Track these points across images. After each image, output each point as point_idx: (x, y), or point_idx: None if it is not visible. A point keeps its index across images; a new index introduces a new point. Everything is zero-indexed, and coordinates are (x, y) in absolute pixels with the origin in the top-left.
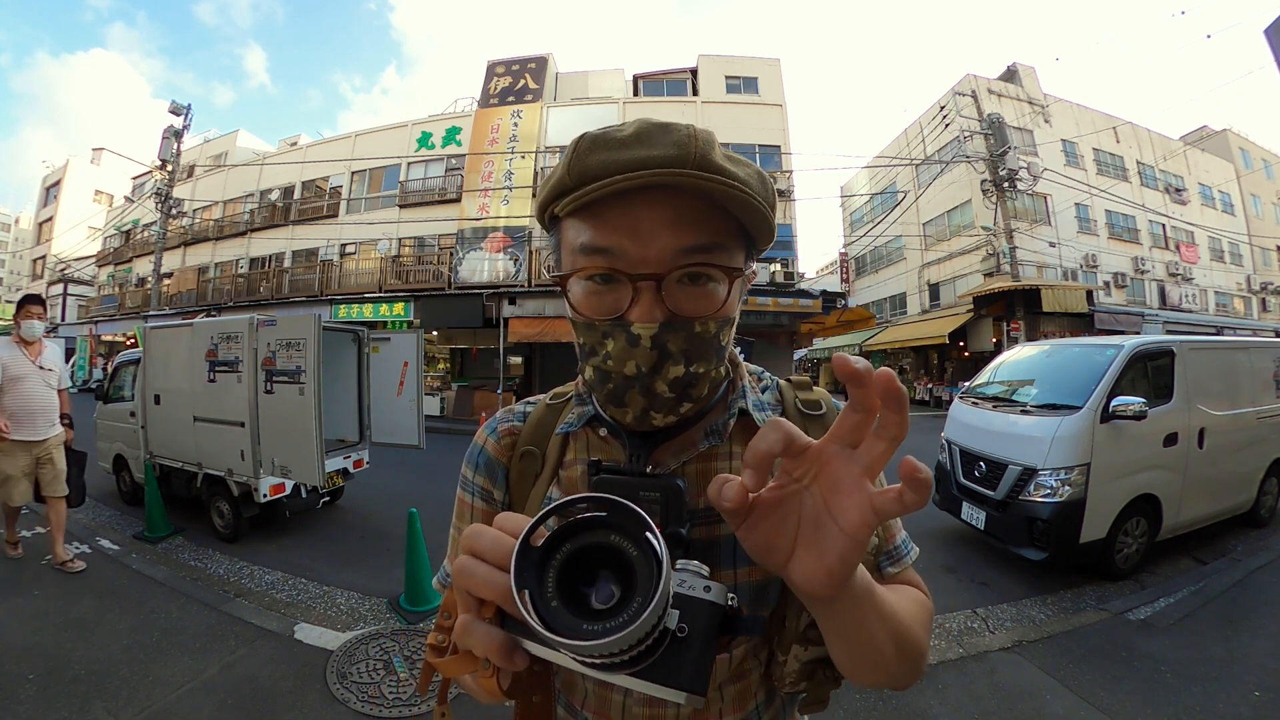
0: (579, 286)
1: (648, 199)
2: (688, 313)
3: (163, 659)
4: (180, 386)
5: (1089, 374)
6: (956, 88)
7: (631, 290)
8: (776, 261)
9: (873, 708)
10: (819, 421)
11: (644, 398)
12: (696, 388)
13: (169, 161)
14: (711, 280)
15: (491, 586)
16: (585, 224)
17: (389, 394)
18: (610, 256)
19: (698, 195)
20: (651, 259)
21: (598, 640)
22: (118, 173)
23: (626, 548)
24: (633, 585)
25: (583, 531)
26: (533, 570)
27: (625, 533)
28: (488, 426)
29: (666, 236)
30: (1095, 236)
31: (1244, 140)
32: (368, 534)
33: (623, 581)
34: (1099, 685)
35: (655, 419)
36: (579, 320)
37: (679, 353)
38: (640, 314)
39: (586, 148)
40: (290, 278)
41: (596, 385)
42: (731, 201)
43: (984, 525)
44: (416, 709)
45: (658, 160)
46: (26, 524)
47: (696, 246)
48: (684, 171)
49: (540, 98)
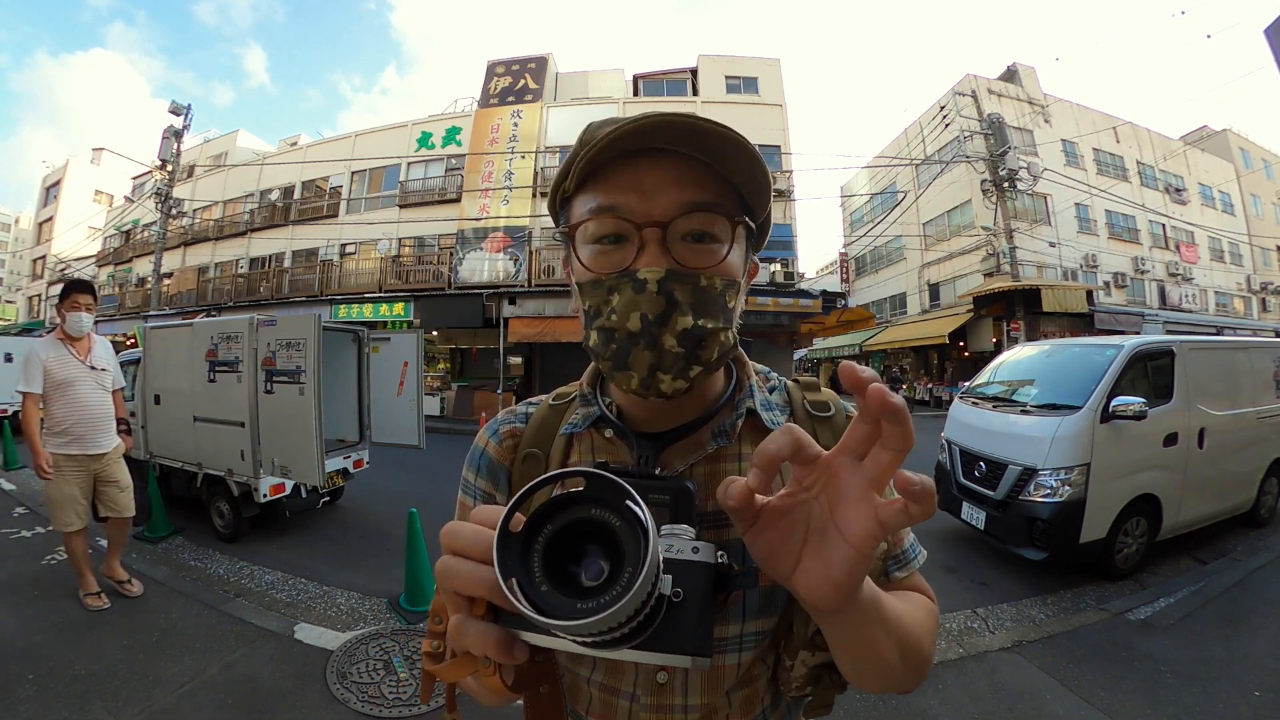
0: (587, 249)
1: (651, 161)
2: (693, 265)
3: (163, 659)
4: (180, 386)
5: (1089, 374)
6: (956, 88)
7: (638, 242)
8: (776, 261)
9: (873, 708)
10: (828, 424)
11: (650, 352)
12: (706, 347)
13: (169, 161)
14: (715, 240)
15: (477, 581)
16: (592, 191)
17: (389, 394)
18: (616, 212)
19: (696, 160)
20: (656, 212)
21: (593, 617)
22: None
23: (609, 519)
24: (621, 557)
25: (562, 510)
26: (516, 557)
27: (605, 505)
28: (489, 428)
29: (671, 191)
30: (1095, 236)
31: (1244, 140)
32: (368, 534)
33: (610, 555)
34: (1099, 685)
35: (663, 381)
36: (585, 280)
37: (686, 304)
38: (647, 260)
39: (595, 125)
40: (290, 278)
41: (600, 349)
42: (730, 154)
43: (984, 525)
44: (417, 709)
45: (664, 115)
46: (26, 524)
47: (698, 202)
48: (688, 116)
49: (540, 98)
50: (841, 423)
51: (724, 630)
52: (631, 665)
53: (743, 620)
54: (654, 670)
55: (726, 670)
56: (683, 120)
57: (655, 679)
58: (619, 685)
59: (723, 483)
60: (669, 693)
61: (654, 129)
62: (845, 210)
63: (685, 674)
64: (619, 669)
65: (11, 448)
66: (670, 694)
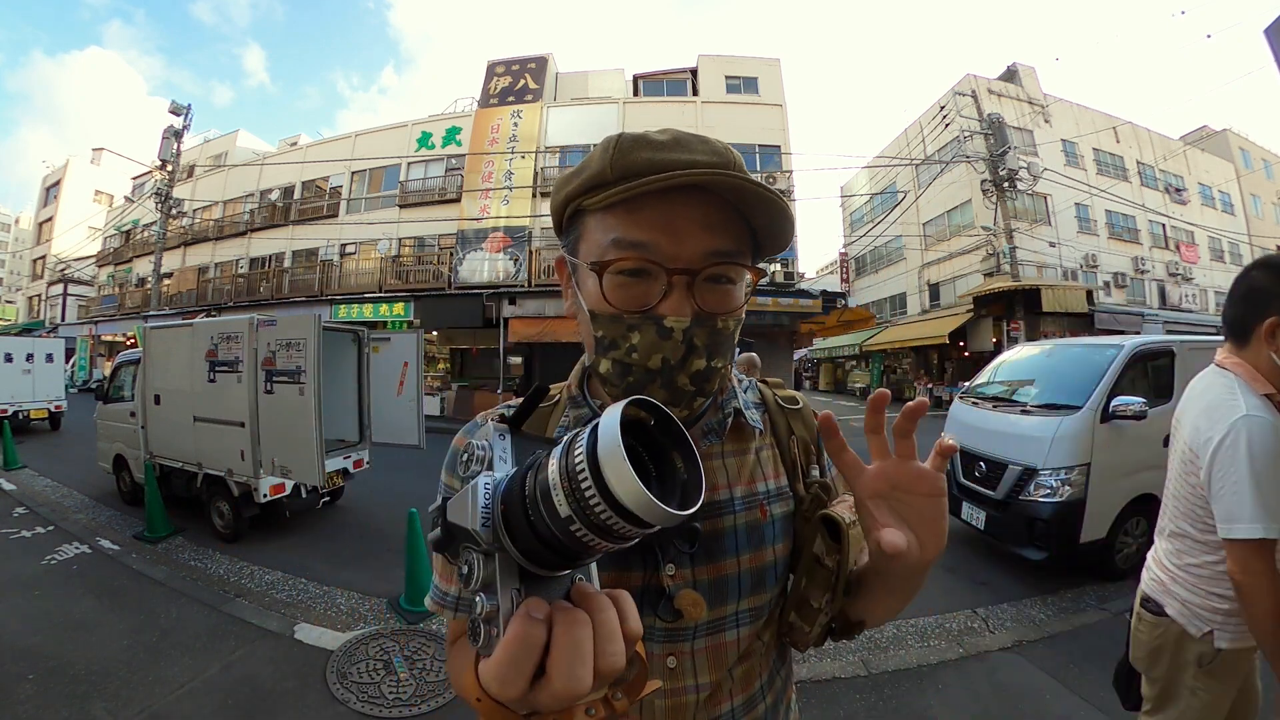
0: (609, 279)
1: (683, 199)
2: (712, 309)
3: (163, 659)
4: (180, 386)
5: (1089, 374)
6: (956, 88)
7: (664, 284)
8: (776, 261)
9: (873, 707)
10: (798, 415)
11: (665, 390)
12: (711, 382)
13: (169, 161)
14: (732, 281)
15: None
16: (619, 219)
17: (389, 394)
18: (645, 250)
19: (725, 201)
20: (685, 256)
21: (693, 507)
22: (118, 173)
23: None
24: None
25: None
26: None
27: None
28: (467, 431)
29: (700, 236)
30: (1095, 236)
31: (1244, 140)
32: (368, 534)
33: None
34: (1100, 685)
35: (672, 414)
36: (604, 312)
37: (703, 347)
38: (673, 307)
39: (629, 145)
40: (290, 278)
41: (613, 378)
42: (761, 205)
43: (984, 525)
44: (417, 709)
45: (702, 163)
46: (26, 524)
47: (723, 250)
48: (731, 172)
49: (540, 98)
50: (809, 414)
51: (722, 610)
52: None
53: (739, 599)
54: (664, 656)
55: (728, 646)
56: (732, 180)
57: (666, 664)
58: None
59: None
60: (680, 675)
61: (701, 182)
62: (845, 210)
63: (693, 656)
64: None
65: (11, 448)
66: (681, 676)
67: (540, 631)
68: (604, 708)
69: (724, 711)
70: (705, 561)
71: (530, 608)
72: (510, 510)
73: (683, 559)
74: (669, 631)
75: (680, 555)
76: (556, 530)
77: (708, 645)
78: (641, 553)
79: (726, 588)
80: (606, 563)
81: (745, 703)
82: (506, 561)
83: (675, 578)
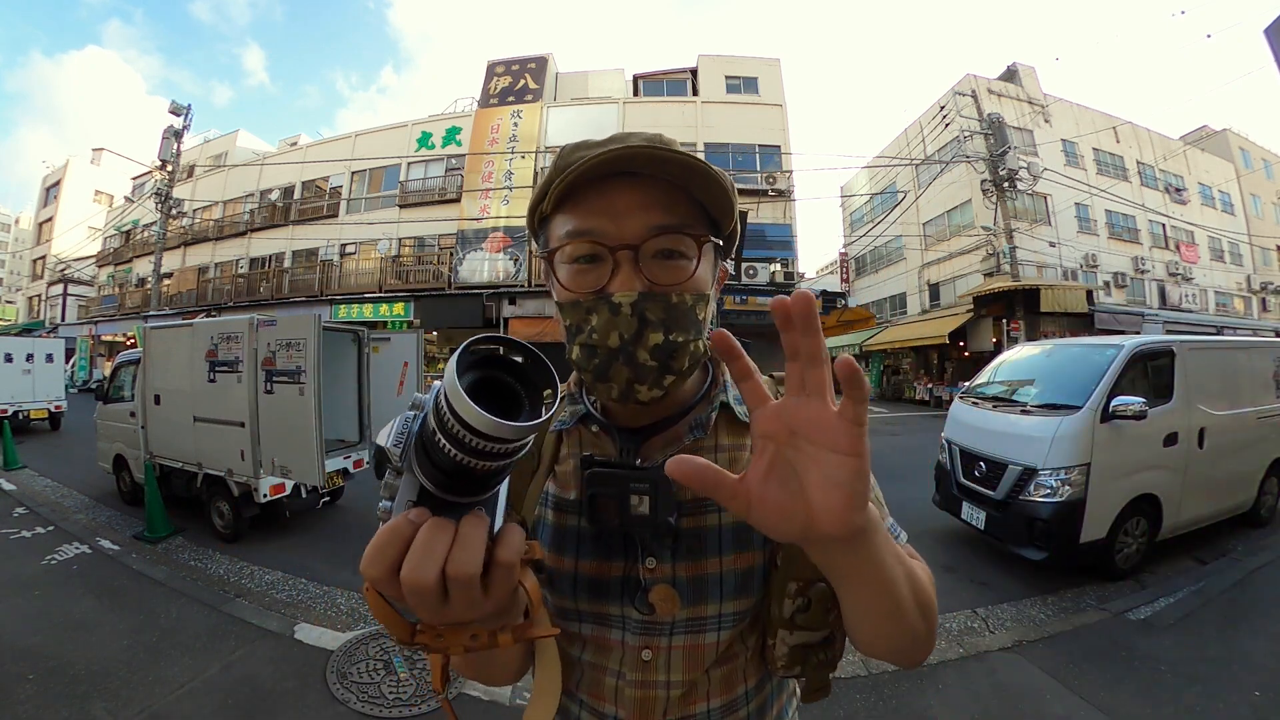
0: (565, 269)
1: (622, 185)
2: (664, 283)
3: (163, 659)
4: (180, 386)
5: (1089, 374)
6: (956, 88)
7: (612, 263)
8: (776, 261)
9: (873, 708)
10: None
11: (627, 368)
12: (677, 358)
13: (169, 161)
14: (683, 257)
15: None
16: (568, 214)
17: (389, 394)
18: (591, 235)
19: (667, 184)
20: (626, 234)
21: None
22: (118, 173)
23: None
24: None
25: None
26: None
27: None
28: None
29: (639, 215)
30: (1095, 236)
31: (1244, 140)
32: (368, 534)
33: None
34: (1099, 685)
35: (640, 392)
36: (565, 300)
37: (658, 321)
38: (620, 284)
39: (570, 149)
40: (290, 278)
41: (583, 363)
42: (694, 178)
43: (984, 525)
44: (417, 709)
45: (632, 147)
46: (26, 524)
47: (666, 225)
48: (654, 147)
49: (540, 98)
50: None
51: (703, 610)
52: (618, 644)
53: (720, 601)
54: (640, 648)
55: (706, 648)
56: (646, 150)
57: (640, 656)
58: (606, 663)
59: (689, 467)
60: (653, 669)
61: (624, 159)
62: (845, 210)
63: (669, 652)
64: (606, 647)
65: (11, 448)
66: (654, 670)
67: (408, 529)
68: (488, 638)
69: (698, 712)
70: (686, 558)
71: (412, 513)
72: (422, 441)
73: (664, 554)
74: (645, 624)
75: (661, 550)
76: (436, 452)
77: (685, 644)
78: (624, 544)
79: (706, 587)
80: (589, 551)
81: (724, 706)
82: (411, 480)
83: (655, 571)
